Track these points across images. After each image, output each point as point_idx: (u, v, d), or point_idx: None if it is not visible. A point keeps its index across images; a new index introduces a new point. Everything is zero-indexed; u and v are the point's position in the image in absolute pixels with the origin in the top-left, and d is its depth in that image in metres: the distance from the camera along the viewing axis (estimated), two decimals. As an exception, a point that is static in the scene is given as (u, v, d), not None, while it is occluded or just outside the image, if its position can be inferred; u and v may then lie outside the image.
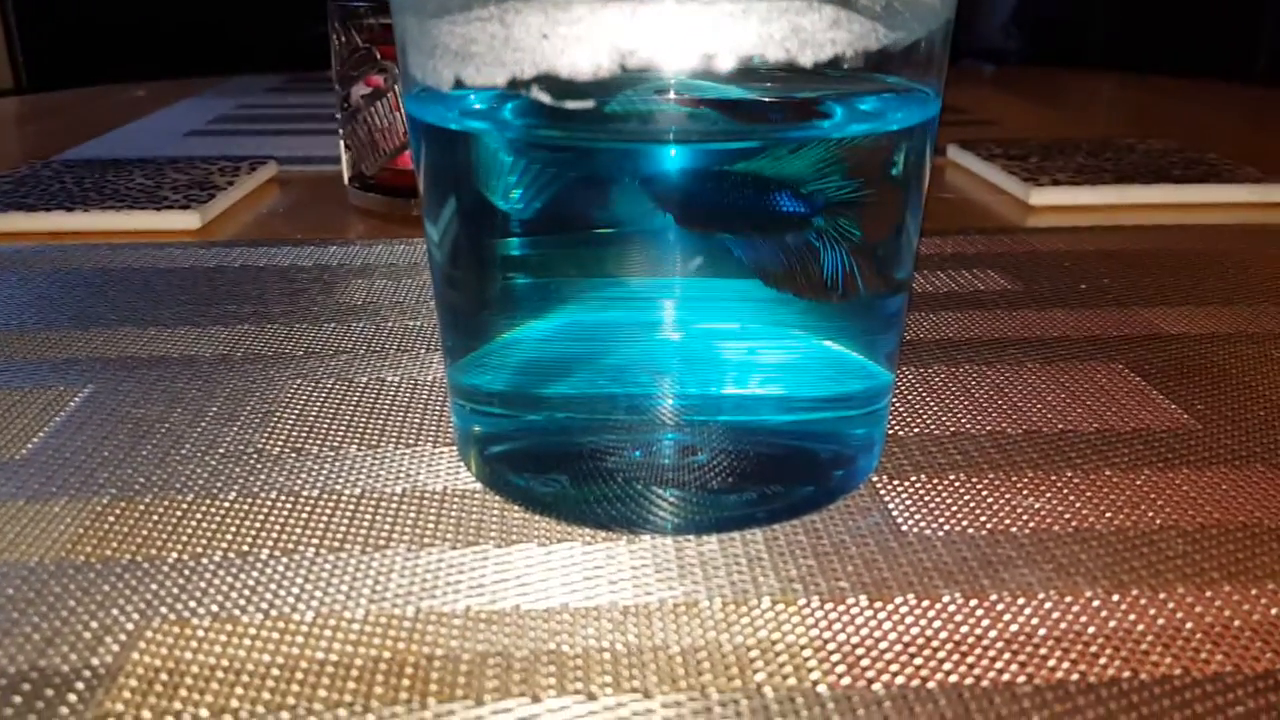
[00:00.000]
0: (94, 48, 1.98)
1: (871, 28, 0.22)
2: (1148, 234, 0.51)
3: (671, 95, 0.23)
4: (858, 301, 0.26)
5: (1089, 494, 0.27)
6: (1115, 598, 0.23)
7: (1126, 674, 0.21)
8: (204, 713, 0.20)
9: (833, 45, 0.22)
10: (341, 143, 0.56)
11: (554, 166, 0.24)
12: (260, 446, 0.30)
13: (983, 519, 0.26)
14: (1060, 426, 0.31)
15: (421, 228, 0.54)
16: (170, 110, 0.89)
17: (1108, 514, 0.26)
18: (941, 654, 0.21)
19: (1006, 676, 0.21)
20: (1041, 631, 0.22)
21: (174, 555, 0.25)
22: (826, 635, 0.22)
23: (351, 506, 0.27)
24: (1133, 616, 0.22)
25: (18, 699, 0.20)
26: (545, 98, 0.22)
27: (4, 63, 2.03)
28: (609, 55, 0.21)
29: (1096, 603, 0.23)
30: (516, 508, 0.27)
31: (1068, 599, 0.23)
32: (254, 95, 0.98)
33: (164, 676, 0.21)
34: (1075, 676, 0.21)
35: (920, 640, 0.22)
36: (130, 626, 0.22)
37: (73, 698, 0.20)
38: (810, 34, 0.21)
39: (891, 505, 0.27)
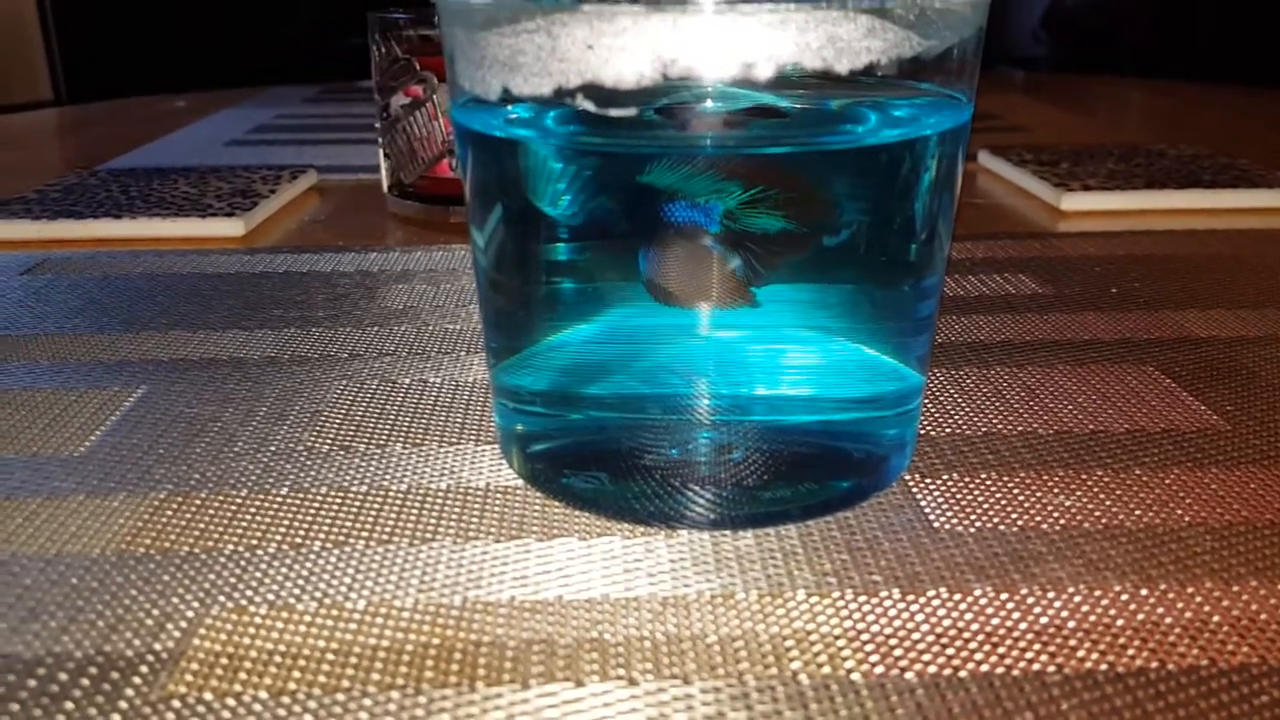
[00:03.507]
0: (132, 60, 2.01)
1: (905, 36, 0.23)
2: (1178, 238, 0.52)
3: (712, 103, 0.24)
4: (890, 305, 0.27)
5: (1119, 492, 0.28)
6: (1144, 592, 0.24)
7: (1154, 664, 0.21)
8: (263, 694, 0.21)
9: (868, 53, 0.22)
10: (381, 151, 0.57)
11: (598, 173, 0.25)
12: (310, 444, 0.31)
13: (1014, 516, 0.27)
14: (1091, 427, 0.31)
15: (460, 234, 0.55)
16: (210, 120, 0.91)
17: (1137, 511, 0.27)
18: (973, 645, 0.22)
19: (1037, 667, 0.21)
20: (1071, 624, 0.23)
21: (230, 547, 0.26)
22: (860, 626, 0.23)
23: (399, 502, 0.28)
24: (1160, 610, 0.23)
25: (85, 681, 0.21)
26: (590, 106, 0.23)
27: (44, 75, 2.07)
28: (651, 65, 0.22)
29: (1125, 596, 0.23)
30: (557, 503, 0.27)
31: (1097, 593, 0.24)
32: (291, 105, 0.99)
33: (224, 660, 0.22)
34: (1104, 667, 0.21)
35: (952, 632, 0.22)
36: (190, 614, 0.23)
37: (138, 680, 0.21)
38: (847, 43, 0.22)
39: (923, 502, 0.27)
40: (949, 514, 0.27)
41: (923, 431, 0.31)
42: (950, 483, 0.28)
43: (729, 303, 0.24)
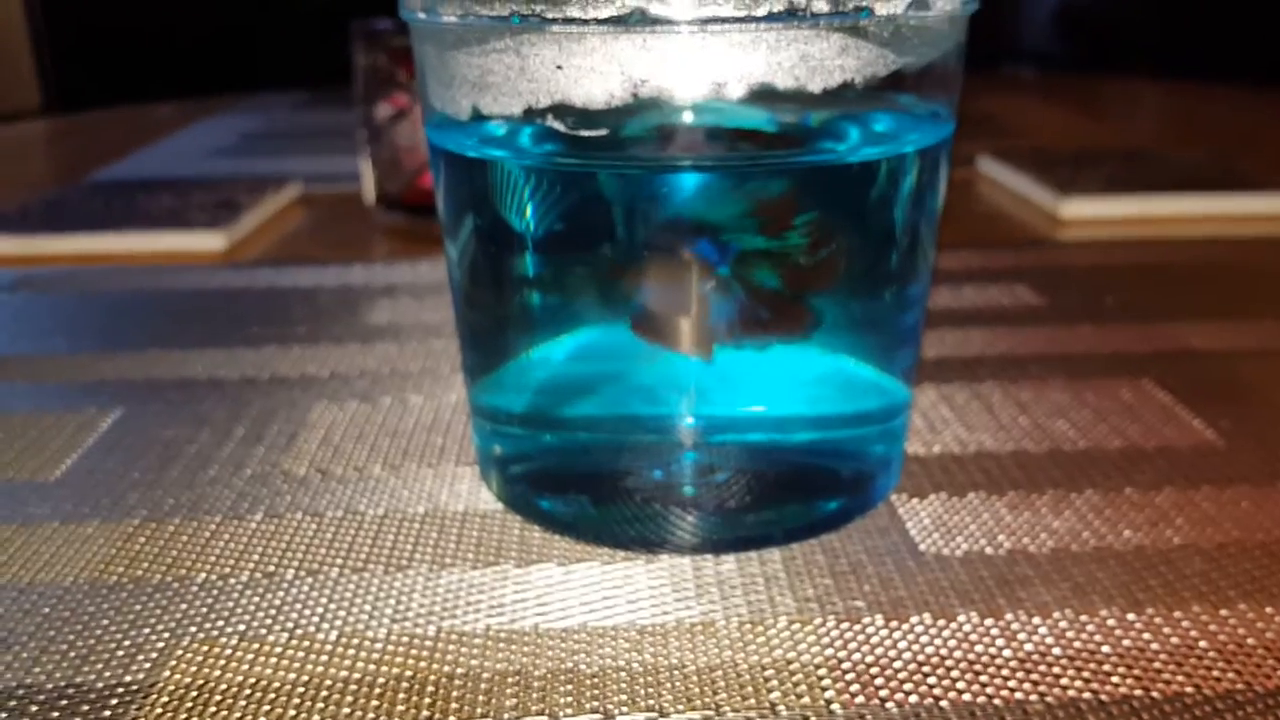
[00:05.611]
0: (120, 68, 2.01)
1: (880, 53, 0.22)
2: (1178, 247, 0.51)
3: (685, 122, 0.23)
4: (873, 319, 0.26)
5: (1109, 512, 0.27)
6: (1131, 616, 0.23)
7: (1139, 692, 0.21)
8: (230, 732, 0.20)
9: (841, 72, 0.22)
10: (365, 162, 0.57)
11: (570, 192, 0.24)
12: (286, 468, 0.30)
13: (1001, 538, 0.26)
14: (1083, 445, 0.31)
15: (444, 246, 0.54)
16: (197, 128, 0.90)
17: (1127, 532, 0.26)
18: (955, 673, 0.21)
19: (1019, 695, 0.21)
20: (1056, 650, 0.22)
21: (202, 576, 0.25)
22: (842, 655, 0.22)
23: (374, 527, 0.27)
24: (1147, 635, 0.22)
25: (55, 714, 0.21)
26: (560, 126, 0.23)
27: (32, 84, 2.06)
28: (621, 85, 0.22)
29: (1112, 621, 0.23)
30: (536, 528, 0.27)
31: (1083, 618, 0.23)
32: (279, 112, 0.99)
33: (194, 693, 0.21)
34: (1087, 695, 0.21)
35: (935, 659, 0.22)
36: (161, 645, 0.23)
37: (108, 713, 0.21)
38: (819, 61, 0.22)
39: (909, 524, 0.27)
40: (935, 536, 0.26)
41: (911, 450, 0.31)
42: (937, 503, 0.28)
43: (695, 350, 0.24)
